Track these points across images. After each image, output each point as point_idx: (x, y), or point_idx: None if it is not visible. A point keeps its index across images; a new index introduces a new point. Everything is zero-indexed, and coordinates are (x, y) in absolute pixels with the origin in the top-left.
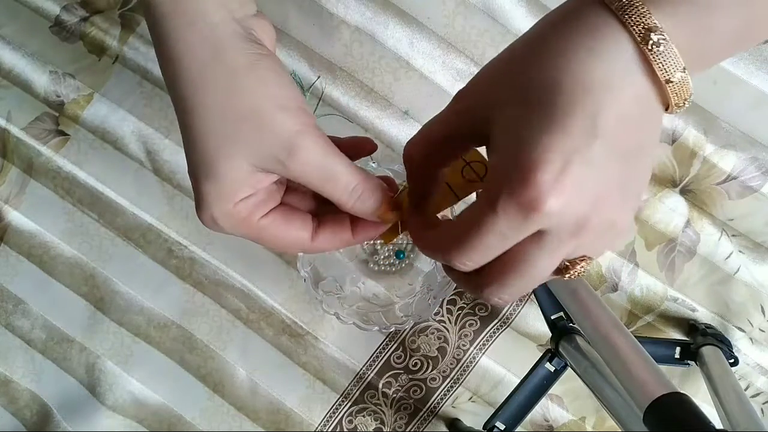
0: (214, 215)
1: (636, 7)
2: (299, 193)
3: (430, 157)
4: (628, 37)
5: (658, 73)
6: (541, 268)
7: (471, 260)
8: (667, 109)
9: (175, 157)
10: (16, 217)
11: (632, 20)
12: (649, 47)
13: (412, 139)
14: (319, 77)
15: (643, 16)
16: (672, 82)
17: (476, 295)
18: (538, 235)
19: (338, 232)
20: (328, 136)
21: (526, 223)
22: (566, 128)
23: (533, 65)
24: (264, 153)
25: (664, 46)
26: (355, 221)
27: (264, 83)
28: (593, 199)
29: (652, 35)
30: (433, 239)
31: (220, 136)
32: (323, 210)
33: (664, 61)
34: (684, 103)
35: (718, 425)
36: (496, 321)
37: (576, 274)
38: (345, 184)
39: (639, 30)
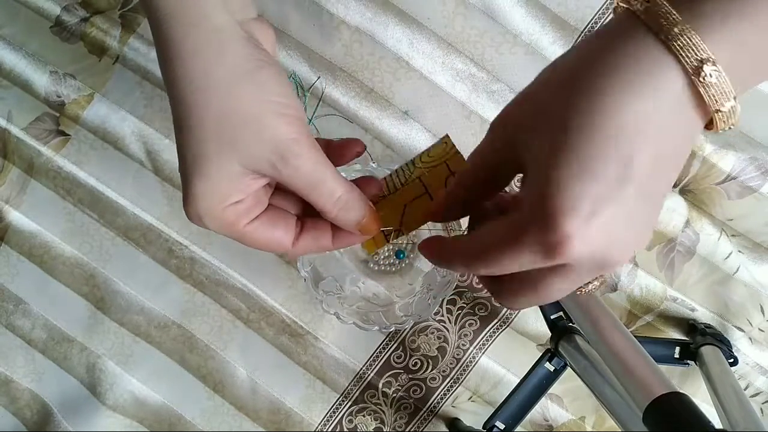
0: (201, 213)
1: (686, 36)
2: (287, 195)
3: (473, 193)
4: (680, 70)
5: (709, 104)
6: (556, 292)
7: (486, 272)
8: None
9: (175, 157)
10: (16, 217)
11: (684, 52)
12: (701, 79)
13: (455, 180)
14: (319, 77)
15: (697, 48)
16: (722, 111)
17: (493, 296)
18: (560, 266)
19: (319, 238)
20: (321, 138)
21: (546, 261)
22: (598, 176)
23: (570, 98)
24: (258, 156)
25: (716, 77)
26: (335, 229)
27: (264, 90)
28: (619, 242)
29: (705, 67)
30: (452, 250)
31: (217, 137)
32: (308, 212)
33: (715, 92)
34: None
35: (718, 425)
36: (496, 321)
37: (588, 291)
38: (330, 192)
39: (692, 62)
